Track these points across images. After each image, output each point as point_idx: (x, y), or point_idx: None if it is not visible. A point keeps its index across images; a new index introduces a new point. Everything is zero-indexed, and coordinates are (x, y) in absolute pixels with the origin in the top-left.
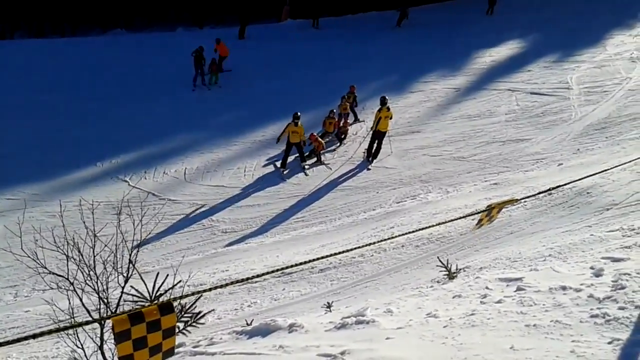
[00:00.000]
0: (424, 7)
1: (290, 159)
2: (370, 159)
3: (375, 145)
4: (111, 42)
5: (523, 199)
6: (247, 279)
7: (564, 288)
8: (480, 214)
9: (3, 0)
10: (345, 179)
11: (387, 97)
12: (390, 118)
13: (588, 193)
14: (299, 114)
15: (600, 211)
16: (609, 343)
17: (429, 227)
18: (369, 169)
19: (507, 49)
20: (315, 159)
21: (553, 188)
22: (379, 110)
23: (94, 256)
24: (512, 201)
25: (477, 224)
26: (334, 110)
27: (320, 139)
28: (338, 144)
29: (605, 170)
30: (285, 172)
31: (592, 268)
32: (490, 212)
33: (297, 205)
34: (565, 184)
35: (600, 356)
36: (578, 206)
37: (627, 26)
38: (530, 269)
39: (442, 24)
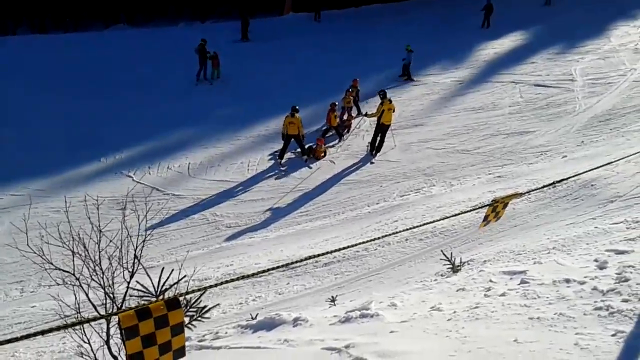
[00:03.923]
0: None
1: (292, 155)
2: (373, 152)
3: (378, 138)
4: (113, 38)
5: (527, 192)
6: (253, 274)
7: (567, 281)
8: (486, 210)
9: None
10: (348, 173)
11: (386, 90)
12: (393, 111)
13: (592, 185)
14: (297, 107)
15: (605, 203)
16: (613, 335)
17: (434, 221)
18: (372, 163)
19: (510, 41)
20: (309, 154)
21: (558, 181)
22: (381, 103)
23: (100, 252)
24: (516, 195)
25: (483, 221)
26: (337, 103)
27: (323, 148)
28: (338, 140)
29: (610, 162)
30: (282, 164)
31: (596, 261)
32: (495, 207)
33: (300, 199)
34: (569, 177)
35: (604, 348)
36: (582, 198)
37: (632, 17)
38: (534, 262)
39: (443, 17)
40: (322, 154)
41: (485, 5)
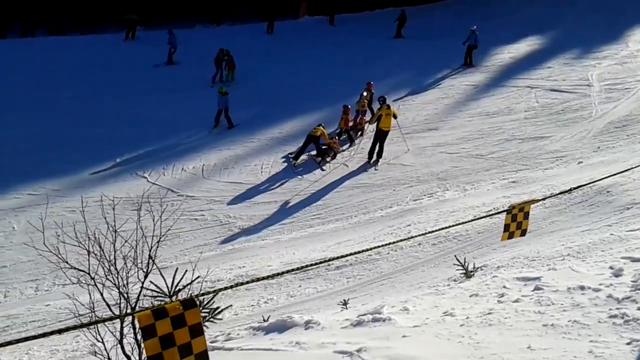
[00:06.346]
0: (443, 2)
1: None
2: (373, 160)
3: (377, 145)
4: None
5: (544, 198)
6: (266, 277)
7: (582, 288)
8: (504, 219)
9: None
10: (361, 177)
11: (385, 97)
12: (394, 117)
13: (608, 192)
14: (322, 124)
15: (621, 210)
16: (628, 344)
17: (448, 227)
18: (376, 170)
19: (527, 45)
20: (324, 157)
21: (575, 188)
22: (379, 109)
23: (115, 251)
24: (533, 201)
25: (505, 232)
26: (349, 107)
27: (338, 145)
28: (349, 144)
29: (627, 169)
30: (296, 166)
31: (611, 268)
32: (515, 217)
33: (313, 202)
34: (585, 184)
35: (618, 357)
36: (598, 205)
37: None
38: (549, 269)
39: (460, 19)
40: (335, 146)
41: (399, 15)
